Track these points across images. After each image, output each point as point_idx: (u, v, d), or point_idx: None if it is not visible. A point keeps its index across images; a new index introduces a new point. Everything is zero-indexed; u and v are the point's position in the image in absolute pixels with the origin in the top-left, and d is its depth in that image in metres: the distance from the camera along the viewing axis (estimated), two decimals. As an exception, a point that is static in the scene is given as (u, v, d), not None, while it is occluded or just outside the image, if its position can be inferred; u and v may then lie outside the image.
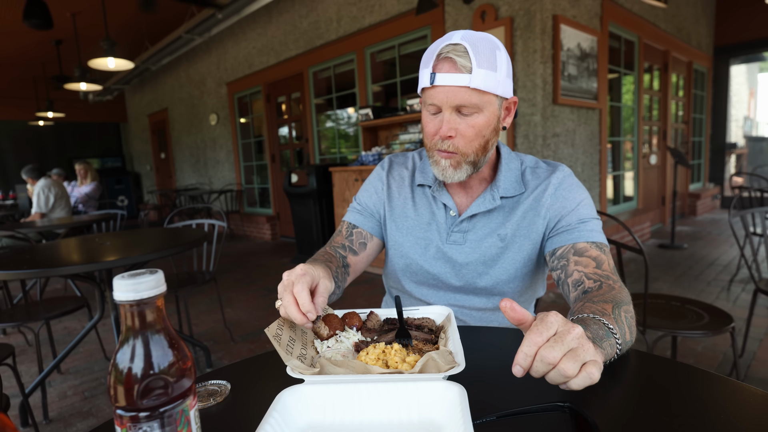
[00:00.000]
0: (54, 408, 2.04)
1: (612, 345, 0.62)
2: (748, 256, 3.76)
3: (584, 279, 0.79)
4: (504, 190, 0.91)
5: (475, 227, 0.93)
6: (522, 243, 0.90)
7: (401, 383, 0.51)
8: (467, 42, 0.77)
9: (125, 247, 1.95)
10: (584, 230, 0.85)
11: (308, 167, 4.39)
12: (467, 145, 0.83)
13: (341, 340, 0.69)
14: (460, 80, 0.77)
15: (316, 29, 5.07)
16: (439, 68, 0.79)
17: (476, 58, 0.77)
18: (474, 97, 0.79)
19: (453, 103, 0.79)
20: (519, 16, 3.35)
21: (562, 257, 0.85)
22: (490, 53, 0.78)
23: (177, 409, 0.37)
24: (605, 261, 0.81)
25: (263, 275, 4.27)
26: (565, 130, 3.70)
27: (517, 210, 0.91)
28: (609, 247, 0.87)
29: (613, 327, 0.64)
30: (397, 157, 1.07)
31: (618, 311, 0.68)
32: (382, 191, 1.03)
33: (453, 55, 0.77)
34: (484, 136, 0.83)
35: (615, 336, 0.63)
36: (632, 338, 0.68)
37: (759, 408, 0.50)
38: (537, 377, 0.50)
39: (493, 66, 0.78)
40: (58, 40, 6.55)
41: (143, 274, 0.36)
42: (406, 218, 0.99)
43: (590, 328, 0.62)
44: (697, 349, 2.24)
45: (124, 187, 10.42)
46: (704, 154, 6.96)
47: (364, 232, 1.02)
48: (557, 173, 0.91)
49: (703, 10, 6.39)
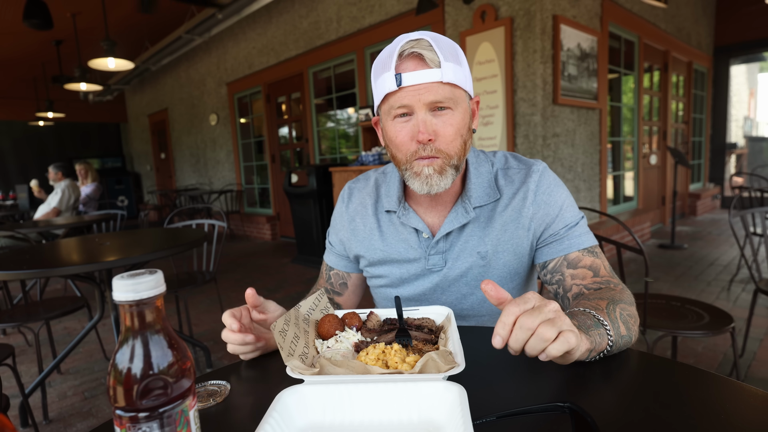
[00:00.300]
0: (54, 408, 2.04)
1: (602, 335, 0.61)
2: (748, 256, 3.76)
3: (584, 291, 0.77)
4: (476, 200, 0.83)
5: (453, 246, 0.85)
6: (506, 259, 0.84)
7: (401, 383, 0.51)
8: (429, 37, 0.72)
9: (125, 248, 1.95)
10: (573, 237, 0.81)
11: (308, 167, 4.39)
12: (449, 145, 0.76)
13: (341, 341, 0.69)
14: (431, 75, 0.71)
15: (316, 29, 5.07)
16: (404, 68, 0.72)
17: (441, 51, 0.71)
18: (447, 91, 0.72)
19: (427, 100, 0.72)
20: (519, 16, 3.35)
21: (556, 271, 0.82)
22: (452, 47, 0.74)
23: (176, 409, 0.37)
24: (601, 266, 0.79)
25: (263, 275, 4.27)
26: (565, 130, 3.70)
27: (493, 222, 0.84)
28: (598, 245, 0.83)
29: (603, 319, 0.63)
30: (357, 182, 0.98)
31: (613, 307, 0.67)
32: (345, 228, 0.95)
33: (418, 49, 0.71)
34: (462, 135, 0.77)
35: (605, 327, 0.62)
36: (630, 335, 0.66)
37: (759, 408, 0.50)
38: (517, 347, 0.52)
39: (458, 60, 0.73)
40: (58, 40, 6.55)
41: (143, 274, 0.36)
42: (374, 251, 0.90)
43: (578, 318, 0.63)
44: (697, 350, 2.24)
45: (124, 188, 10.43)
46: (704, 154, 6.96)
47: (341, 272, 0.98)
48: (533, 176, 0.83)
49: (703, 10, 6.39)
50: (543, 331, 0.50)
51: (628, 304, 0.71)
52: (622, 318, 0.66)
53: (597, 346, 0.60)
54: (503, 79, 3.48)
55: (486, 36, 3.52)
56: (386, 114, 0.78)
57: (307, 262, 4.59)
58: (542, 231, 0.83)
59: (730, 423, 0.47)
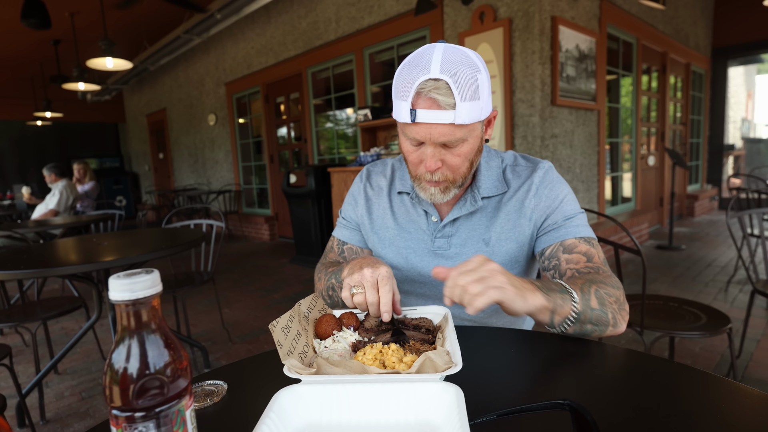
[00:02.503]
0: (51, 409, 2.03)
1: (565, 300, 0.67)
2: (746, 257, 3.77)
3: (575, 275, 0.80)
4: (485, 190, 0.89)
5: (459, 231, 0.90)
6: (508, 246, 0.89)
7: (398, 384, 0.51)
8: (448, 75, 0.71)
9: (123, 248, 1.95)
10: (571, 226, 0.85)
11: (307, 168, 4.38)
12: (455, 172, 0.81)
13: (338, 340, 0.69)
14: (444, 118, 0.72)
15: (315, 30, 5.07)
16: (420, 105, 0.73)
17: (459, 92, 0.71)
18: (458, 132, 0.75)
19: (437, 140, 0.76)
20: (518, 17, 3.35)
21: (552, 256, 0.85)
22: (472, 81, 0.73)
23: (173, 409, 0.37)
24: (595, 254, 0.82)
25: (261, 276, 4.26)
26: (564, 131, 3.71)
27: (500, 212, 0.89)
28: (597, 239, 0.86)
29: (571, 289, 0.69)
30: (375, 166, 1.04)
31: (588, 285, 0.71)
32: (361, 204, 1.00)
33: (434, 94, 0.71)
34: (470, 159, 0.81)
35: (571, 294, 0.68)
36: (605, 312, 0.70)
37: (756, 408, 0.50)
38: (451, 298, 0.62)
39: (476, 95, 0.73)
40: (57, 39, 6.54)
41: (139, 273, 0.36)
42: (386, 228, 0.96)
43: (544, 282, 0.68)
44: (694, 350, 2.24)
45: (122, 188, 10.40)
46: (702, 156, 6.98)
47: (355, 247, 1.02)
48: (538, 171, 0.88)
49: (701, 11, 6.41)
50: (471, 287, 0.60)
51: (611, 287, 0.74)
52: (597, 294, 0.70)
53: (558, 308, 0.66)
54: (502, 80, 3.49)
55: (484, 37, 3.53)
56: (401, 131, 0.81)
57: (305, 263, 4.58)
58: (543, 221, 0.87)
59: (726, 423, 0.47)
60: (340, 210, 1.06)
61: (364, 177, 1.03)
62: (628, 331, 2.50)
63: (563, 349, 0.69)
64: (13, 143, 10.13)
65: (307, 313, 0.74)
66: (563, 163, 3.73)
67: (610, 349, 0.68)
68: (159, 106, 8.83)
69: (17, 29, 5.92)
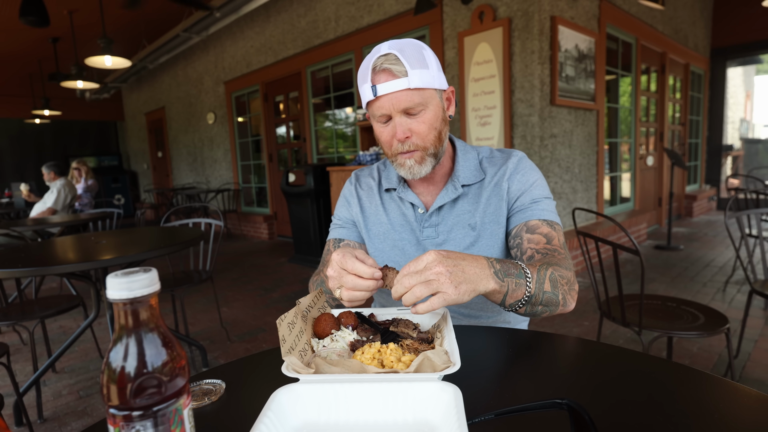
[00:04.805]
0: (48, 407, 2.03)
1: (519, 284, 0.70)
2: (744, 257, 3.78)
3: (535, 254, 0.86)
4: (464, 179, 0.96)
5: (444, 219, 0.97)
6: (493, 229, 0.94)
7: (396, 383, 0.51)
8: (395, 50, 0.83)
9: (121, 246, 1.95)
10: (536, 209, 0.91)
11: (306, 167, 4.38)
12: (424, 139, 0.88)
13: (337, 340, 0.69)
14: (400, 84, 0.82)
15: (315, 28, 5.06)
16: (378, 80, 0.83)
17: (407, 61, 0.82)
18: (416, 96, 0.84)
19: (399, 107, 0.84)
20: (517, 17, 3.35)
21: (516, 236, 0.91)
22: (418, 54, 0.84)
23: (170, 408, 0.37)
24: (555, 237, 0.88)
25: (260, 275, 4.26)
26: (563, 131, 3.71)
27: (480, 197, 0.96)
28: (560, 225, 0.92)
29: (529, 272, 0.72)
30: (362, 171, 1.13)
31: (545, 267, 0.75)
32: (354, 204, 1.06)
33: (387, 65, 0.82)
34: (436, 128, 0.89)
35: (527, 278, 0.71)
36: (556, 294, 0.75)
37: (753, 408, 0.50)
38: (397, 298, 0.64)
39: (424, 64, 0.84)
40: (55, 37, 6.52)
41: (137, 272, 0.36)
42: (380, 224, 1.02)
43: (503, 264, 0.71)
44: (692, 350, 2.25)
45: (120, 186, 10.39)
46: (701, 156, 6.99)
47: (352, 242, 1.06)
48: (512, 158, 0.97)
49: (701, 12, 6.41)
50: (417, 289, 0.62)
51: (564, 268, 0.79)
52: (552, 277, 0.74)
53: (511, 291, 0.69)
54: (501, 80, 3.49)
55: (484, 36, 3.53)
56: (372, 116, 0.91)
57: (304, 262, 4.58)
58: (514, 202, 0.94)
59: (724, 423, 0.48)
60: (333, 215, 1.11)
61: (353, 180, 1.10)
62: (627, 331, 2.50)
63: (561, 348, 0.69)
64: (11, 141, 10.10)
65: (306, 312, 0.74)
66: (562, 163, 3.73)
67: (608, 348, 0.68)
68: (158, 105, 8.82)
69: (16, 27, 5.90)
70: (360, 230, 1.06)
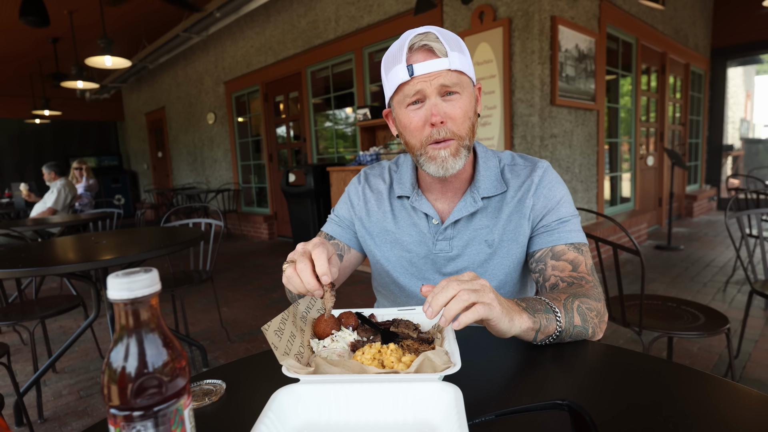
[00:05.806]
0: (49, 407, 2.03)
1: (550, 319, 0.66)
2: (744, 257, 3.78)
3: (559, 283, 0.80)
4: (484, 190, 0.88)
5: (460, 233, 0.89)
6: (510, 247, 0.88)
7: (397, 383, 0.51)
8: (435, 30, 0.78)
9: (122, 246, 1.95)
10: (563, 231, 0.85)
11: (306, 167, 4.38)
12: (460, 127, 0.81)
13: (337, 340, 0.69)
14: (440, 64, 0.77)
15: (315, 29, 5.06)
16: (415, 59, 0.78)
17: (447, 43, 0.77)
18: (455, 77, 0.78)
19: (437, 84, 0.78)
20: (517, 17, 3.35)
21: (540, 260, 0.85)
22: (456, 39, 0.80)
23: (171, 408, 0.37)
24: (582, 262, 0.82)
25: (260, 275, 4.26)
26: (563, 131, 3.71)
27: (501, 213, 0.88)
28: (587, 245, 0.86)
29: (555, 307, 0.68)
30: (372, 169, 1.04)
31: (572, 300, 0.71)
32: (359, 206, 0.99)
33: (427, 42, 0.77)
34: (470, 118, 0.82)
35: (555, 313, 0.67)
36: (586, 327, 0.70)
37: (753, 408, 0.50)
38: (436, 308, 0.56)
39: (462, 50, 0.80)
40: (55, 37, 6.52)
41: (137, 272, 0.36)
42: (387, 233, 0.95)
43: (529, 302, 0.68)
44: (693, 350, 2.25)
45: (120, 186, 10.39)
46: (701, 156, 6.99)
47: (341, 243, 1.00)
48: (537, 170, 0.89)
49: (701, 12, 6.41)
50: (463, 295, 0.56)
51: (592, 299, 0.74)
52: (579, 310, 0.70)
53: (543, 328, 0.66)
54: (501, 80, 3.49)
55: (484, 36, 3.53)
56: (399, 104, 0.83)
57: (304, 262, 4.58)
58: (538, 221, 0.87)
59: (724, 423, 0.47)
60: (333, 209, 1.05)
61: (362, 179, 1.02)
62: (627, 331, 2.50)
63: (562, 349, 0.69)
64: (11, 141, 10.10)
65: (305, 313, 0.74)
66: (562, 163, 3.73)
67: (609, 349, 0.68)
68: (158, 105, 8.82)
69: (16, 27, 5.90)
70: (360, 234, 0.99)
